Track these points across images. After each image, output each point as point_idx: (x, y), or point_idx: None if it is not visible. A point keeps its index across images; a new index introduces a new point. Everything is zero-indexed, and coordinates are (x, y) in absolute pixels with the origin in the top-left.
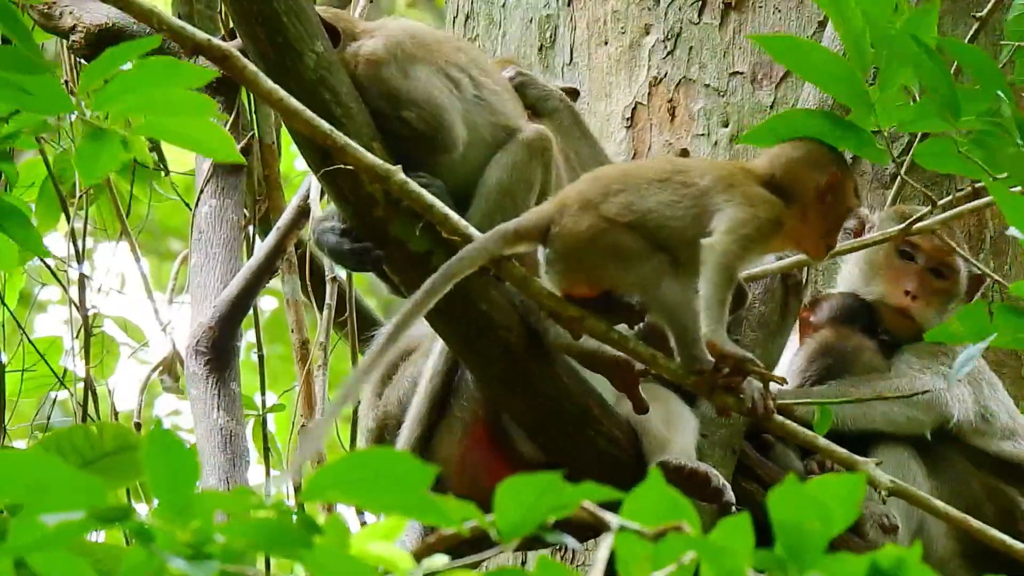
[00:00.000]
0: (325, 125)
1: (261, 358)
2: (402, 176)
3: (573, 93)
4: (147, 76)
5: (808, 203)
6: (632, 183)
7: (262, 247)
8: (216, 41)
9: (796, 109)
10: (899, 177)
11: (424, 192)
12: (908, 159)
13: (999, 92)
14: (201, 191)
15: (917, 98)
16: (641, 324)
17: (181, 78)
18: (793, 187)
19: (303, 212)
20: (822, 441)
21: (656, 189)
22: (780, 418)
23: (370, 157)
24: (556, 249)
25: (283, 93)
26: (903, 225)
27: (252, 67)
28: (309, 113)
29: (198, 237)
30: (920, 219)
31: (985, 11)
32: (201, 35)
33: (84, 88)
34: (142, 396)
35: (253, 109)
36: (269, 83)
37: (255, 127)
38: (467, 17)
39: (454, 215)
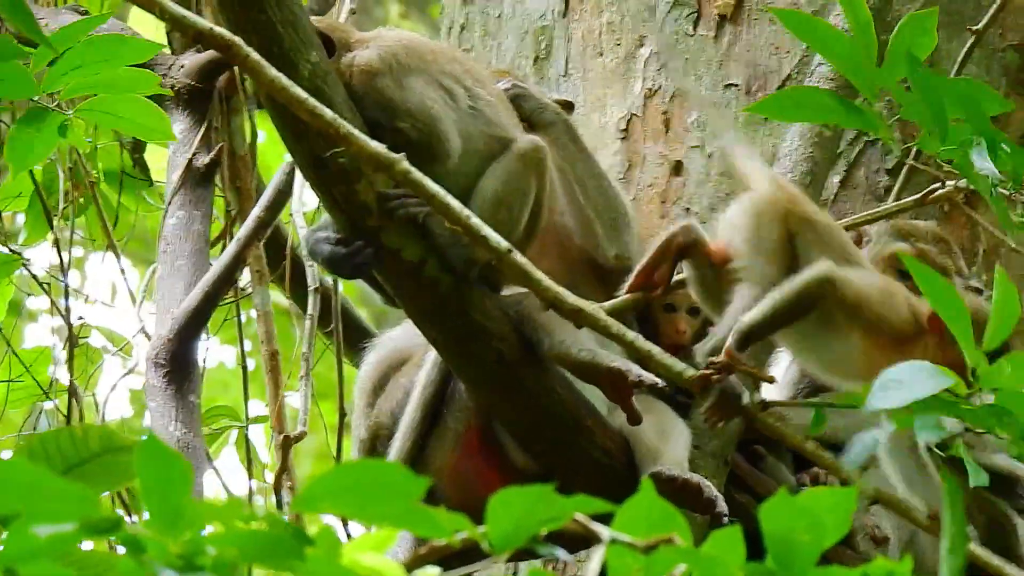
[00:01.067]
0: (328, 113)
1: (244, 369)
2: (405, 164)
3: (568, 106)
4: (95, 52)
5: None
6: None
7: (220, 259)
8: (219, 29)
9: (808, 87)
10: (893, 189)
11: (427, 180)
12: (905, 172)
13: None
14: (169, 202)
15: None
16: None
17: (129, 53)
18: None
19: (264, 224)
20: (810, 444)
21: None
22: (769, 418)
23: (372, 145)
24: None
25: (286, 81)
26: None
27: (255, 55)
28: (312, 101)
29: (164, 249)
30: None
31: (981, 24)
32: (203, 23)
33: (37, 66)
34: (106, 401)
35: (226, 120)
36: (272, 71)
37: (227, 138)
38: (462, 28)
39: (456, 204)
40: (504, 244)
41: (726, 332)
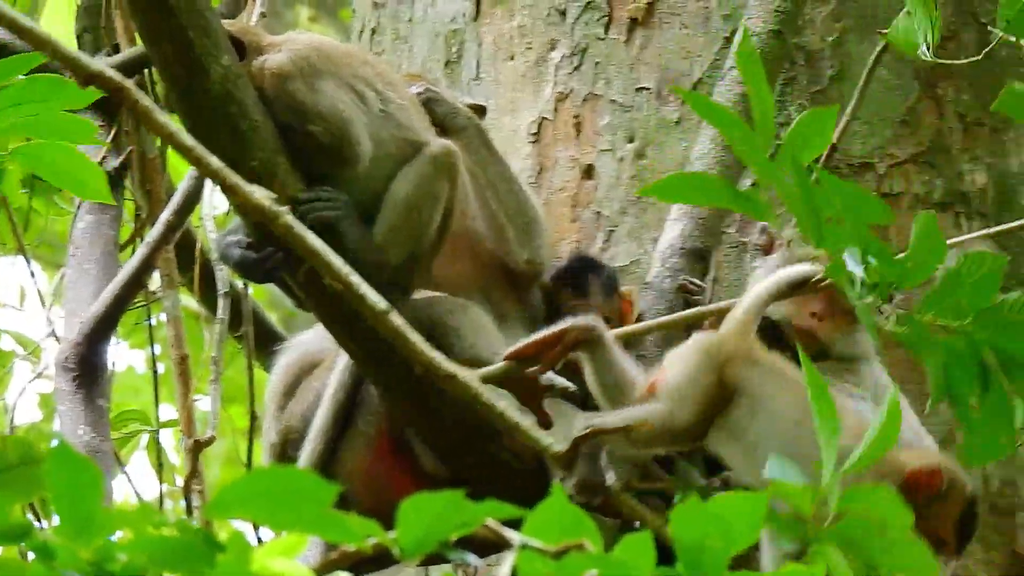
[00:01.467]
0: (214, 162)
1: (154, 373)
2: (288, 219)
3: (480, 109)
4: (32, 93)
5: None
6: None
7: (128, 263)
8: (110, 73)
9: (697, 173)
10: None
11: (308, 235)
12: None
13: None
14: (79, 206)
15: None
16: None
17: (66, 98)
18: None
19: (173, 227)
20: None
21: None
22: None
23: (257, 196)
24: None
25: (174, 128)
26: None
27: (145, 101)
28: (200, 150)
29: (74, 252)
30: None
31: (891, 28)
32: (96, 65)
33: None
34: (13, 405)
35: (135, 124)
36: (162, 117)
37: (137, 142)
38: (373, 32)
39: (337, 260)
40: (381, 305)
41: (614, 423)
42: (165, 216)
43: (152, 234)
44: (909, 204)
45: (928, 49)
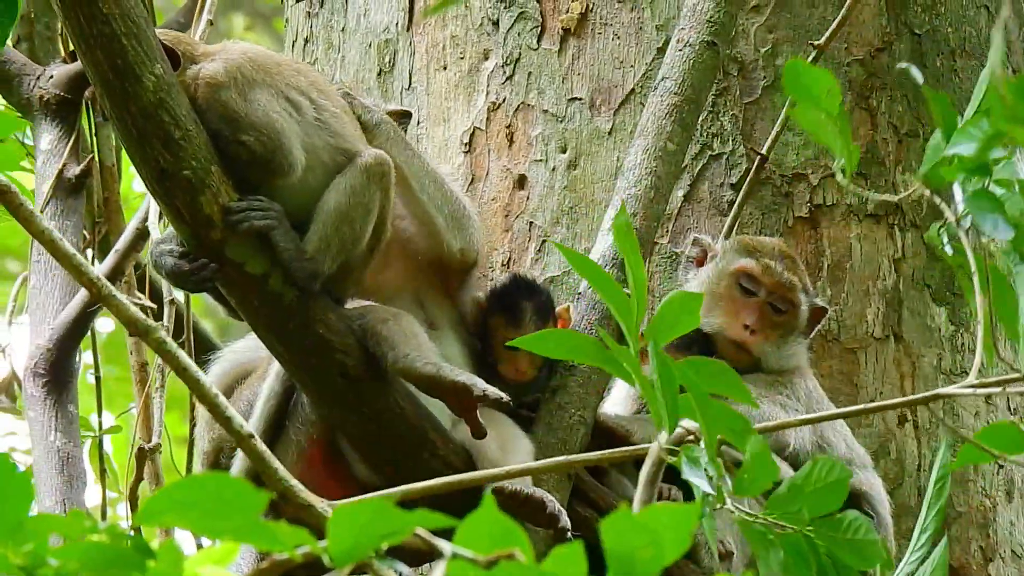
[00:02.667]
0: (92, 272)
1: (98, 379)
2: (160, 334)
3: (406, 115)
4: None
5: None
6: None
7: (100, 269)
8: None
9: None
10: (736, 204)
11: (180, 353)
12: (746, 186)
13: None
14: (40, 212)
15: None
16: None
17: None
18: None
19: (142, 234)
20: None
21: None
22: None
23: (132, 311)
24: None
25: (55, 235)
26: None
27: (28, 205)
28: (79, 258)
29: (37, 259)
30: None
31: (823, 40)
32: None
33: None
34: None
35: (93, 131)
36: (42, 223)
37: (95, 149)
38: (306, 41)
39: (206, 380)
40: (246, 429)
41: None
42: (134, 223)
43: (122, 241)
44: (842, 215)
45: (843, 176)
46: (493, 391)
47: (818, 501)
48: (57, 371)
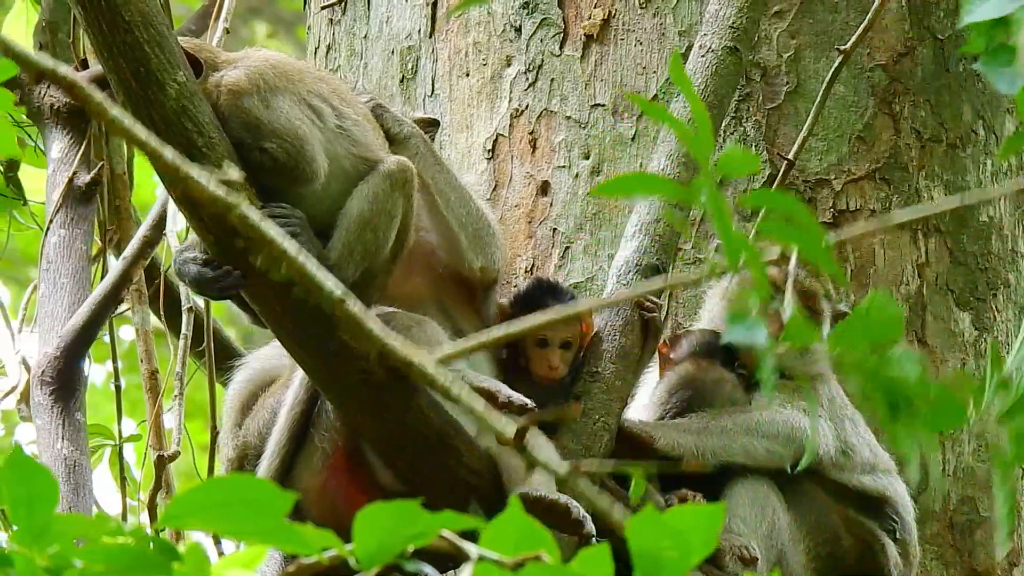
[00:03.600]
0: (169, 155)
1: (118, 388)
2: (243, 209)
3: (433, 124)
4: None
5: None
6: None
7: (108, 277)
8: (63, 70)
9: (650, 174)
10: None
11: (265, 224)
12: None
13: None
14: (51, 220)
15: None
16: None
17: None
18: None
19: (150, 242)
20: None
21: None
22: None
23: (211, 188)
24: None
25: (129, 122)
26: None
27: (98, 95)
28: (154, 143)
29: (47, 267)
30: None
31: (848, 44)
32: (47, 62)
33: None
34: None
35: (104, 139)
36: (115, 110)
37: (106, 157)
38: (328, 48)
39: (292, 247)
40: (338, 292)
41: None
42: (142, 231)
43: (130, 248)
44: (866, 220)
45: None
46: (518, 398)
47: (879, 333)
48: (64, 379)
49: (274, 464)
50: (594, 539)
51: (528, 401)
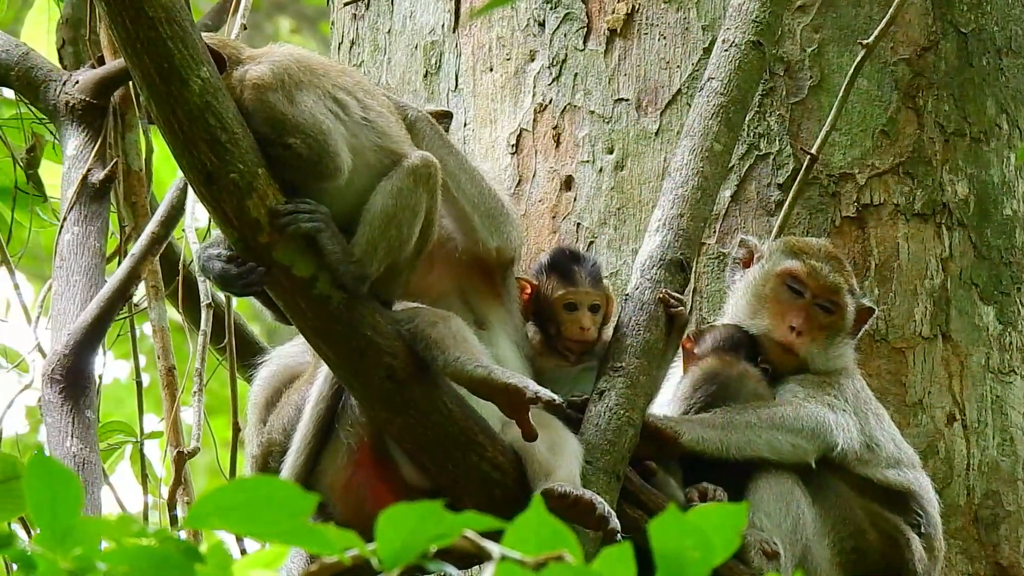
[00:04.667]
0: None
1: (139, 384)
2: None
3: (446, 116)
4: None
5: None
6: None
7: (115, 275)
8: None
9: None
10: (784, 204)
11: None
12: (795, 186)
13: None
14: (64, 218)
15: None
16: None
17: None
18: None
19: (158, 239)
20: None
21: None
22: None
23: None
24: None
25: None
26: None
27: None
28: None
29: (60, 264)
30: None
31: (871, 38)
32: None
33: None
34: (1, 419)
35: (120, 136)
36: None
37: (122, 154)
38: (352, 43)
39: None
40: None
41: None
42: (151, 228)
43: (138, 245)
44: (890, 214)
45: None
46: (545, 393)
47: None
48: (74, 376)
49: (299, 461)
50: (618, 535)
51: (556, 396)
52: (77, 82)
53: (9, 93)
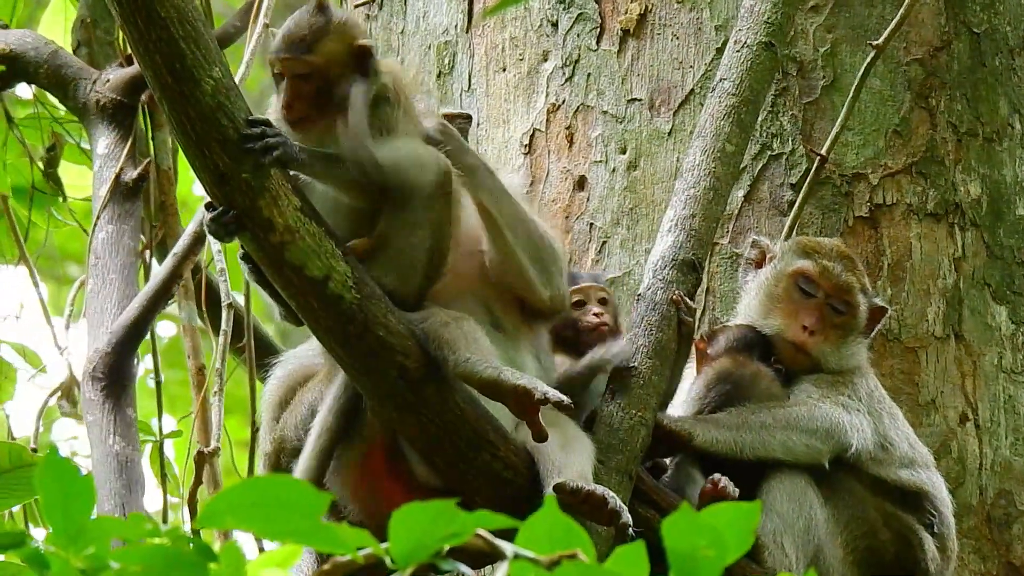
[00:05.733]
0: None
1: (159, 384)
2: None
3: (466, 118)
4: None
5: None
6: None
7: (158, 273)
8: None
9: None
10: (796, 204)
11: None
12: (806, 187)
13: None
14: (98, 217)
15: None
16: None
17: None
18: None
19: (199, 238)
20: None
21: None
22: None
23: None
24: None
25: None
26: None
27: None
28: None
29: (95, 263)
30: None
31: (883, 38)
32: None
33: None
34: (39, 421)
35: (150, 135)
36: None
37: (152, 153)
38: None
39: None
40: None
41: None
42: (191, 227)
43: (180, 244)
44: (902, 214)
45: None
46: (555, 394)
47: None
48: (115, 375)
49: (313, 459)
50: (631, 530)
51: (564, 398)
52: (108, 81)
53: (26, 93)
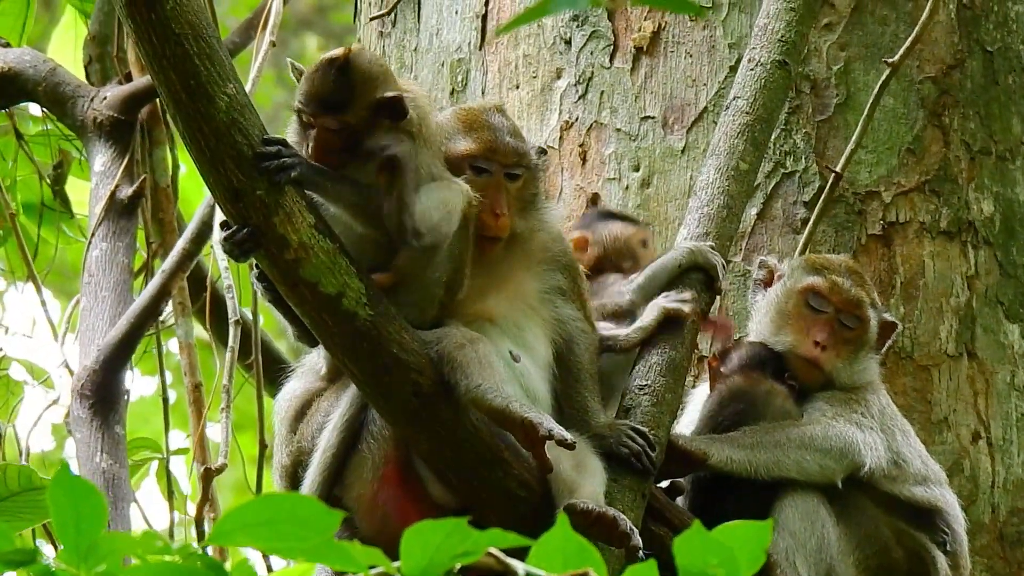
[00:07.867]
0: None
1: (165, 400)
2: None
3: (542, 152)
4: None
5: None
6: None
7: (146, 291)
8: None
9: None
10: (810, 222)
11: None
12: (820, 205)
13: None
14: (92, 234)
15: None
16: None
17: None
18: None
19: (189, 255)
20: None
21: None
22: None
23: None
24: None
25: None
26: None
27: None
28: None
29: (88, 280)
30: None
31: (897, 56)
32: None
33: None
34: (28, 439)
35: (148, 152)
36: None
37: (149, 170)
38: None
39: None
40: None
41: None
42: (181, 244)
43: (169, 261)
44: (915, 232)
45: None
46: (559, 432)
47: None
48: (103, 392)
49: (323, 473)
50: (641, 552)
51: (568, 436)
52: (105, 98)
53: (36, 110)
